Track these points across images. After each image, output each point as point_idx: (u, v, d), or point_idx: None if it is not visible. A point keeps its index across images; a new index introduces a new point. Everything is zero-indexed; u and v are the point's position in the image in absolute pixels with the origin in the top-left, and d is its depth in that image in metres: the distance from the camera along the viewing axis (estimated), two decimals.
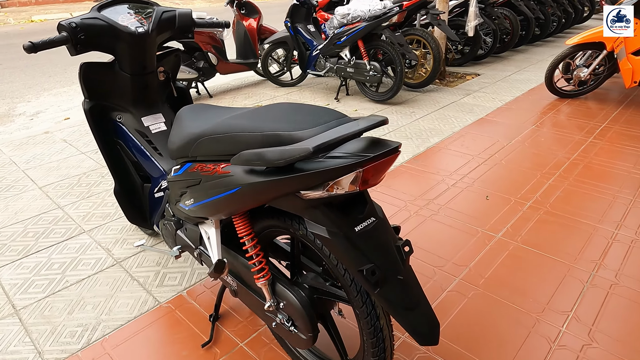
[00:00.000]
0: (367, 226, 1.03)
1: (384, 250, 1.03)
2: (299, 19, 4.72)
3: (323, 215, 1.01)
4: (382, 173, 1.00)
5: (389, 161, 0.97)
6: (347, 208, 1.04)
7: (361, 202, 1.06)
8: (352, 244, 0.99)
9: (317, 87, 5.15)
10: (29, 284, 1.96)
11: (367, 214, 1.04)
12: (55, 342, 1.65)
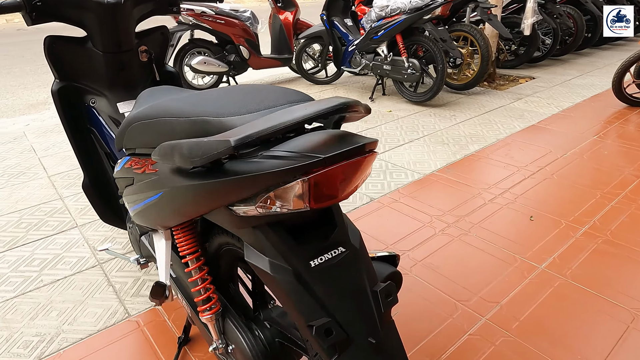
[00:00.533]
0: (330, 260, 0.72)
1: (352, 297, 0.72)
2: (336, 12, 4.43)
3: (265, 239, 0.72)
4: (348, 184, 0.69)
5: (353, 166, 0.66)
6: (305, 232, 0.74)
7: (327, 225, 0.76)
8: (302, 286, 0.69)
9: (353, 85, 4.84)
10: (2, 281, 1.81)
11: (332, 242, 0.74)
12: (7, 352, 1.46)
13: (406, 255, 1.89)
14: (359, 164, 0.67)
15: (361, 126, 3.50)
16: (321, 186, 0.64)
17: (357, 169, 0.67)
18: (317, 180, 0.63)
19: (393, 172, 2.68)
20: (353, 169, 0.66)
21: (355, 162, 0.66)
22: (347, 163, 0.64)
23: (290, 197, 0.65)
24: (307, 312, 0.68)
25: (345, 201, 2.35)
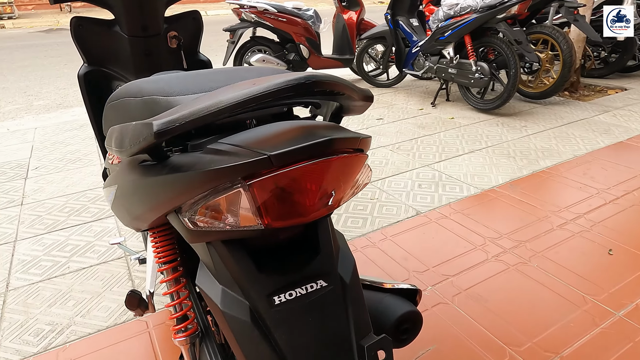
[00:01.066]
0: (304, 298, 0.54)
1: (327, 352, 0.53)
2: (402, 11, 4.19)
3: (220, 261, 0.56)
4: (319, 194, 0.50)
5: (318, 169, 0.47)
6: (275, 256, 0.57)
7: (308, 249, 0.57)
8: (258, 330, 0.52)
9: (416, 90, 4.56)
10: (34, 263, 1.82)
11: (310, 273, 0.55)
12: (18, 338, 1.44)
13: (449, 282, 1.64)
14: (327, 167, 0.48)
15: (417, 132, 3.24)
16: (275, 196, 0.46)
17: (324, 174, 0.49)
18: (264, 187, 0.45)
19: (446, 184, 2.41)
20: (318, 173, 0.48)
21: (322, 163, 0.47)
22: (307, 165, 0.46)
23: (232, 210, 0.48)
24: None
25: (382, 209, 2.14)
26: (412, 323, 0.75)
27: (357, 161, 0.52)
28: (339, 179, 0.51)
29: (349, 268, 0.60)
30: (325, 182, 0.49)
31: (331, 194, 0.51)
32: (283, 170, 0.45)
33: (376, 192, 2.35)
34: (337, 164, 0.49)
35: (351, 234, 1.97)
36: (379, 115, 3.70)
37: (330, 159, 0.47)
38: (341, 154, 0.49)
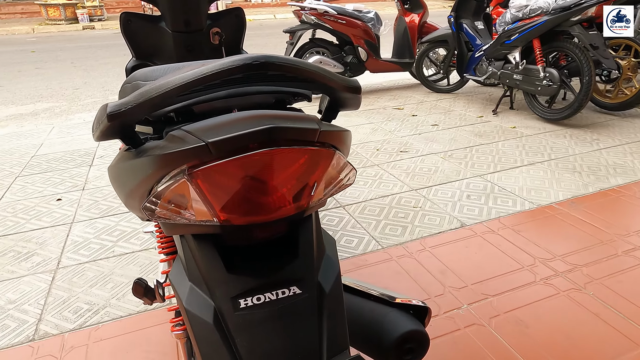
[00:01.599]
0: (273, 304, 0.50)
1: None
2: (466, 13, 4.00)
3: (191, 256, 0.53)
4: (278, 190, 0.45)
5: (265, 160, 0.42)
6: (251, 257, 0.53)
7: (286, 252, 0.53)
8: (220, 334, 0.49)
9: (478, 96, 4.34)
10: (84, 245, 1.95)
11: (284, 277, 0.51)
12: (59, 313, 1.53)
13: (488, 302, 1.51)
14: (270, 159, 0.44)
15: (473, 140, 3.07)
16: (225, 189, 0.43)
17: (270, 166, 0.44)
18: (208, 177, 0.42)
19: (498, 197, 2.25)
20: (263, 165, 0.43)
21: (263, 154, 0.43)
22: (248, 155, 0.42)
23: (183, 201, 0.45)
24: None
25: (424, 218, 2.03)
26: (416, 343, 0.68)
27: (317, 155, 0.48)
28: (296, 174, 0.46)
29: (331, 277, 0.55)
30: (276, 175, 0.45)
31: (300, 191, 0.47)
32: (222, 161, 0.42)
33: (420, 200, 2.24)
34: (286, 157, 0.45)
35: (388, 241, 1.89)
36: (435, 121, 3.56)
37: (272, 150, 0.43)
38: (296, 145, 0.45)
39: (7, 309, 1.56)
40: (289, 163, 0.46)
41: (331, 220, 2.09)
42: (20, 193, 2.47)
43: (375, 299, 0.76)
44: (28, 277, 1.73)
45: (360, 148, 3.01)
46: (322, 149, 0.50)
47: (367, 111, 3.95)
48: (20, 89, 5.38)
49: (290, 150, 0.45)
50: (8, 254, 1.89)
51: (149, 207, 0.50)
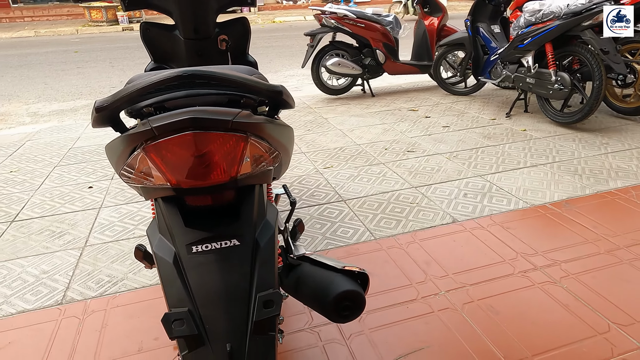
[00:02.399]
0: (215, 251, 0.67)
1: (225, 295, 0.65)
2: (483, 17, 4.06)
3: (160, 214, 0.71)
4: (208, 165, 0.62)
5: (187, 140, 0.60)
6: (205, 216, 0.70)
7: (233, 211, 0.70)
8: (177, 270, 0.66)
9: (494, 99, 4.37)
10: (110, 227, 2.19)
11: (226, 232, 0.68)
12: (84, 283, 1.76)
13: (464, 290, 1.63)
14: (190, 139, 0.61)
15: (481, 142, 3.14)
16: (171, 162, 0.60)
17: (192, 144, 0.61)
18: (156, 150, 0.59)
19: (494, 196, 2.34)
20: (189, 143, 0.60)
21: (185, 136, 0.60)
22: (175, 137, 0.59)
23: (146, 169, 0.62)
24: (173, 298, 0.65)
25: (419, 214, 2.15)
26: (352, 302, 0.83)
27: (231, 138, 0.64)
28: (220, 151, 0.63)
29: (266, 235, 0.71)
30: (204, 151, 0.62)
31: (229, 165, 0.63)
32: (161, 140, 0.59)
33: (418, 197, 2.36)
34: (206, 138, 0.61)
35: (381, 233, 2.03)
36: (446, 123, 3.64)
37: (192, 132, 0.60)
38: (213, 130, 0.61)
39: (41, 277, 1.80)
40: (210, 142, 0.62)
41: (331, 212, 2.25)
42: (57, 181, 2.76)
43: (328, 267, 0.91)
44: (60, 252, 1.98)
45: (369, 147, 3.15)
46: (234, 134, 0.66)
47: (382, 112, 4.07)
48: (63, 87, 5.81)
49: (206, 133, 0.62)
50: (44, 232, 2.15)
51: (125, 175, 0.67)
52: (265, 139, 0.72)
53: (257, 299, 0.66)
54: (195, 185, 0.65)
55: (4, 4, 15.16)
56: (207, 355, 0.64)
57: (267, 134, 0.74)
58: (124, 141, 0.65)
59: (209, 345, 0.63)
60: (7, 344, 1.46)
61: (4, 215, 2.34)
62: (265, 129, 0.71)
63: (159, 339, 1.46)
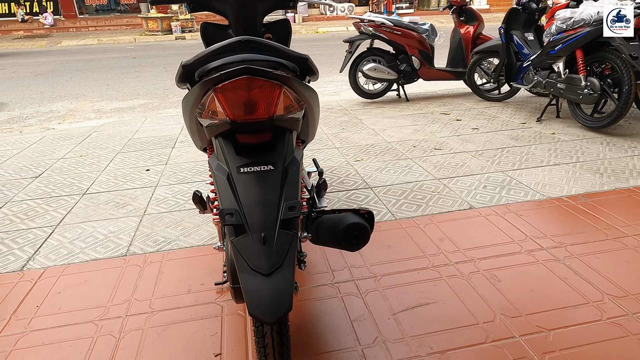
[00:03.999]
0: (257, 172, 0.92)
1: (262, 201, 0.90)
2: (517, 25, 4.19)
3: (218, 147, 0.98)
4: (257, 103, 0.89)
5: (241, 84, 0.87)
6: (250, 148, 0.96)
7: (271, 147, 0.96)
8: (229, 184, 0.92)
9: (527, 105, 4.46)
10: (164, 201, 2.52)
11: (265, 159, 0.93)
12: (143, 242, 2.08)
13: (472, 263, 1.81)
14: (244, 83, 0.87)
15: (507, 143, 3.27)
16: (230, 100, 0.86)
17: (245, 87, 0.88)
18: (222, 91, 0.86)
19: (512, 189, 2.49)
20: (242, 86, 0.87)
21: (240, 80, 0.86)
22: (233, 80, 0.86)
23: (213, 107, 0.89)
24: (226, 202, 0.91)
25: (439, 201, 2.34)
26: (359, 232, 1.05)
27: (270, 85, 0.89)
28: (263, 93, 0.89)
29: (293, 166, 0.96)
30: (250, 92, 0.88)
31: (268, 106, 0.90)
32: (226, 83, 0.86)
33: (439, 187, 2.55)
34: (254, 82, 0.87)
35: (401, 215, 2.24)
36: (476, 126, 3.78)
37: (243, 77, 0.86)
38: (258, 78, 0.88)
39: (109, 236, 2.14)
40: (256, 86, 0.89)
41: (358, 197, 2.47)
42: (120, 164, 3.16)
43: (341, 212, 1.15)
44: (123, 218, 2.32)
45: (399, 145, 3.35)
46: (273, 82, 0.92)
47: (415, 115, 4.26)
48: (123, 88, 6.39)
49: (255, 79, 0.88)
50: (110, 203, 2.52)
51: (198, 112, 0.95)
52: (294, 90, 0.97)
53: (284, 205, 0.91)
54: (245, 119, 0.91)
55: (72, 15, 16.56)
56: (248, 240, 0.89)
57: (295, 88, 0.99)
58: (200, 86, 0.92)
59: (249, 233, 0.89)
60: (84, 281, 1.79)
61: (76, 189, 2.73)
62: (294, 83, 0.96)
63: (205, 284, 1.74)
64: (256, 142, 0.98)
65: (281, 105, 0.94)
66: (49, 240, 2.13)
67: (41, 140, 3.85)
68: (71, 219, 2.34)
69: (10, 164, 3.25)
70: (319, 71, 1.08)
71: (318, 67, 1.18)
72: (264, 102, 0.92)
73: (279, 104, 0.94)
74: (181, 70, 0.96)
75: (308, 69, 1.04)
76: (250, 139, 0.98)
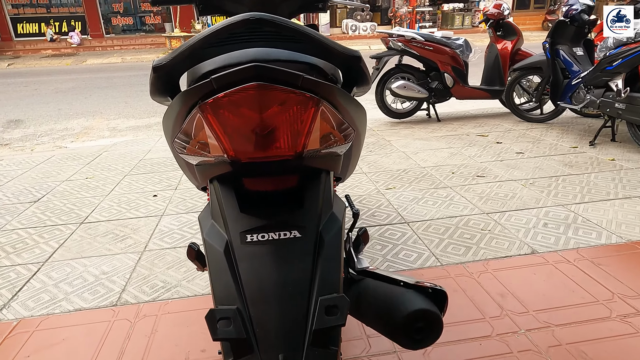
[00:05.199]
0: (273, 242, 0.57)
1: (281, 295, 0.54)
2: (564, 39, 3.79)
3: (214, 196, 0.62)
4: (275, 129, 0.52)
5: (252, 96, 0.49)
6: (263, 202, 0.60)
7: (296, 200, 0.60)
8: (227, 260, 0.56)
9: (574, 127, 4.02)
10: (169, 234, 2.20)
11: (286, 221, 0.58)
12: (138, 287, 1.75)
13: (550, 331, 1.40)
14: (256, 95, 0.49)
15: (561, 170, 2.85)
16: (229, 124, 0.50)
17: (256, 100, 0.50)
18: (213, 109, 0.50)
19: (580, 228, 2.07)
20: (251, 99, 0.50)
21: (257, 86, 0.49)
22: (235, 90, 0.49)
23: (202, 136, 0.54)
24: (221, 293, 0.56)
25: (492, 242, 1.94)
26: (428, 323, 0.69)
27: (301, 99, 0.53)
28: (285, 114, 0.52)
29: (333, 230, 0.60)
30: (263, 111, 0.51)
31: (294, 137, 0.53)
32: (221, 94, 0.50)
33: (490, 224, 2.15)
34: (272, 95, 0.51)
35: (448, 259, 1.85)
36: (520, 149, 3.38)
37: (257, 83, 0.50)
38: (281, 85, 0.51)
39: (100, 278, 1.82)
40: (275, 99, 0.52)
41: (393, 234, 2.10)
42: (126, 188, 2.87)
43: (396, 283, 0.78)
44: (120, 255, 2.00)
45: (434, 170, 2.97)
46: (305, 94, 0.56)
47: (449, 137, 3.88)
48: (141, 106, 6.22)
49: (272, 88, 0.52)
50: (108, 235, 2.20)
51: (180, 145, 0.60)
52: (338, 108, 0.62)
53: (318, 303, 0.54)
54: (255, 157, 0.56)
55: (98, 35, 16.90)
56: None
57: (340, 105, 0.64)
58: (180, 100, 0.58)
59: (258, 353, 0.53)
60: (61, 340, 1.45)
61: (75, 217, 2.44)
62: (339, 96, 0.60)
63: (206, 351, 1.38)
64: (273, 189, 0.63)
65: (317, 133, 0.59)
66: (32, 281, 1.82)
67: (49, 160, 3.62)
68: (62, 254, 2.03)
69: (12, 185, 3.00)
70: (368, 70, 0.71)
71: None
72: (289, 128, 0.57)
73: (312, 131, 0.59)
74: (153, 75, 0.63)
75: (357, 74, 0.69)
76: (263, 186, 0.64)
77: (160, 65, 0.61)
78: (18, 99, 7.10)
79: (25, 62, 13.37)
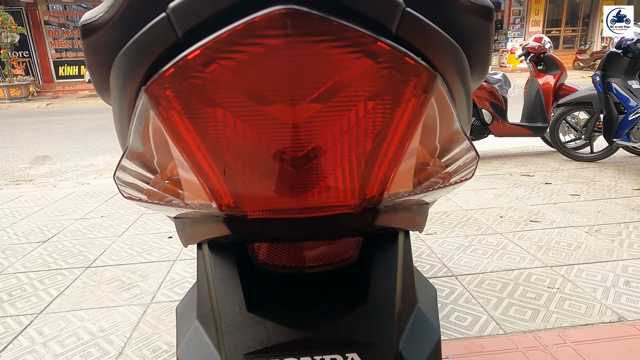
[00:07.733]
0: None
1: None
2: (616, 71, 3.48)
3: (203, 278, 0.35)
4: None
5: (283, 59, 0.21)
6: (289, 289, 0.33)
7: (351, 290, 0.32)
8: None
9: (631, 167, 3.64)
10: (180, 283, 1.94)
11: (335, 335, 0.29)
12: (138, 350, 1.48)
13: None
14: (292, 58, 0.22)
15: (628, 216, 2.48)
16: (220, 133, 0.24)
17: (302, 76, 0.23)
18: (182, 97, 0.24)
19: None
20: (285, 67, 0.23)
21: (281, 44, 0.23)
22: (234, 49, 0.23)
23: (161, 157, 0.28)
24: None
25: (563, 303, 1.59)
26: None
27: (389, 69, 0.24)
28: (344, 112, 0.23)
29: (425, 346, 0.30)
30: (302, 96, 0.22)
31: (360, 165, 0.25)
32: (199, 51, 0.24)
33: (557, 280, 1.80)
34: (317, 57, 0.22)
35: (512, 326, 1.50)
36: (574, 191, 3.02)
37: (276, 11, 0.22)
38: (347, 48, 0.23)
39: (97, 336, 1.56)
40: (329, 74, 0.24)
41: (440, 290, 1.77)
42: (140, 228, 2.66)
43: None
44: (123, 307, 1.75)
45: (479, 214, 2.65)
46: (408, 57, 0.27)
47: (489, 176, 3.56)
48: None
49: (328, 22, 0.23)
50: (114, 282, 1.96)
51: (126, 182, 0.34)
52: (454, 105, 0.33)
53: None
54: (277, 208, 0.27)
55: None
56: None
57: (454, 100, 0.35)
58: (118, 77, 0.31)
59: None
60: None
61: (82, 260, 2.22)
62: (458, 77, 0.32)
63: None
64: (308, 267, 0.33)
65: (412, 160, 0.30)
66: (19, 337, 1.57)
67: (68, 197, 3.49)
68: (60, 304, 1.79)
69: (24, 223, 2.85)
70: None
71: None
72: (355, 145, 0.28)
73: (406, 152, 0.29)
74: (84, 42, 0.36)
75: (476, 44, 0.39)
76: (290, 259, 0.34)
77: (90, 23, 0.34)
78: (50, 136, 7.23)
79: (63, 101, 13.94)
